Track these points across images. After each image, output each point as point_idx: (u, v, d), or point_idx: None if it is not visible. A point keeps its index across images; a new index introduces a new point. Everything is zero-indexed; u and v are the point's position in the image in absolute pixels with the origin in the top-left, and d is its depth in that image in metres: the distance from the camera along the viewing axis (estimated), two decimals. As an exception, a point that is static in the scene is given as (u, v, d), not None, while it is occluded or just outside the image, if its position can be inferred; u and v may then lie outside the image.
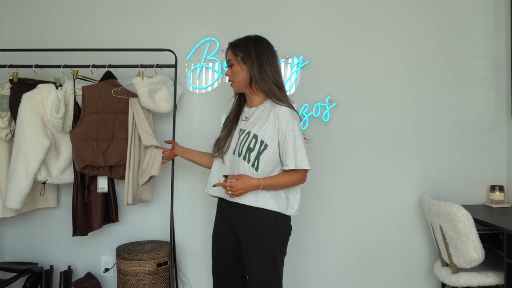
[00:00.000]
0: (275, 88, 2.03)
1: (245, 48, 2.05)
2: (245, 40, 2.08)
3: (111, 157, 2.57)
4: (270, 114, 2.01)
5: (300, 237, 2.90)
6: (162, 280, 2.62)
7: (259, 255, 1.98)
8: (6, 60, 2.64)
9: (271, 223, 1.98)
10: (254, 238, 1.99)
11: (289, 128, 1.97)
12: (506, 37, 2.90)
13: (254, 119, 2.05)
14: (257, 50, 2.04)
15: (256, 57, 2.03)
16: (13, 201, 2.41)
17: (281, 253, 2.03)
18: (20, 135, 2.42)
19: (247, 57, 2.04)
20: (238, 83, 2.08)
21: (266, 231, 1.98)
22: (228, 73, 2.12)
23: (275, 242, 2.00)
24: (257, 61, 2.03)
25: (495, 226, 2.35)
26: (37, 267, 2.73)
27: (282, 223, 2.02)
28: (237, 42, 2.10)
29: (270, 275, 1.98)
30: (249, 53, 2.04)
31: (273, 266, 1.99)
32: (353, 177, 2.91)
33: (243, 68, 2.05)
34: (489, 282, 2.40)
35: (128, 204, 2.56)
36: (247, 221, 2.01)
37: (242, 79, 2.06)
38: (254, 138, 2.00)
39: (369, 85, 2.90)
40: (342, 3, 2.90)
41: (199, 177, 2.89)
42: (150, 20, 2.89)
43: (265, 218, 1.98)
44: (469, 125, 2.93)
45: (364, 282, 2.93)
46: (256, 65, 2.02)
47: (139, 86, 2.51)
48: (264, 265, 1.98)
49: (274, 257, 1.99)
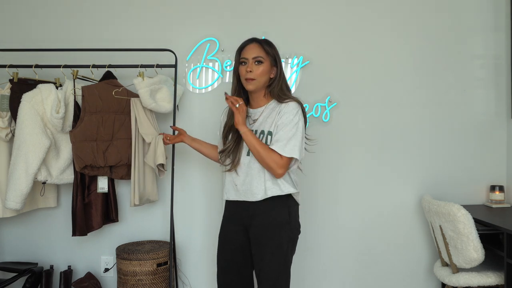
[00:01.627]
0: (286, 89, 2.08)
1: (275, 50, 2.08)
2: (268, 41, 2.09)
3: (111, 157, 2.57)
4: (279, 108, 2.03)
5: (300, 237, 2.89)
6: (162, 280, 2.62)
7: (273, 253, 1.99)
8: (6, 60, 2.64)
9: (286, 219, 2.01)
10: (269, 234, 2.00)
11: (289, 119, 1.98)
12: (506, 37, 2.90)
13: (264, 118, 2.05)
14: (277, 52, 2.08)
15: (280, 59, 2.08)
16: (13, 201, 2.41)
17: (292, 251, 2.06)
18: (20, 135, 2.42)
19: (278, 59, 2.07)
20: (260, 82, 2.04)
21: (280, 227, 2.00)
22: (252, 69, 2.01)
23: (288, 240, 2.02)
24: (279, 63, 2.07)
25: (495, 226, 2.35)
26: (37, 267, 2.73)
27: (295, 220, 2.07)
28: (267, 41, 2.09)
29: (282, 272, 2.00)
30: (277, 55, 2.07)
31: (285, 264, 2.01)
32: (353, 177, 2.91)
33: (272, 69, 2.06)
34: (489, 282, 2.40)
35: (135, 205, 2.56)
36: (262, 218, 2.01)
37: (266, 79, 2.05)
38: (269, 135, 2.01)
39: (369, 85, 2.90)
40: (342, 3, 2.89)
41: (199, 177, 2.89)
42: (150, 20, 2.89)
43: (281, 214, 2.01)
44: (469, 125, 2.93)
45: (364, 282, 2.93)
46: (279, 67, 2.07)
47: (140, 86, 2.51)
48: (276, 262, 1.99)
49: (286, 254, 2.01)
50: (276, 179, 2.01)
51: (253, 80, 2.02)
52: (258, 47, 2.04)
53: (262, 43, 2.06)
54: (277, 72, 2.06)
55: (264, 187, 2.00)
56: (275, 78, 2.06)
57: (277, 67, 2.06)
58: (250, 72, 2.01)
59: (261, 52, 2.03)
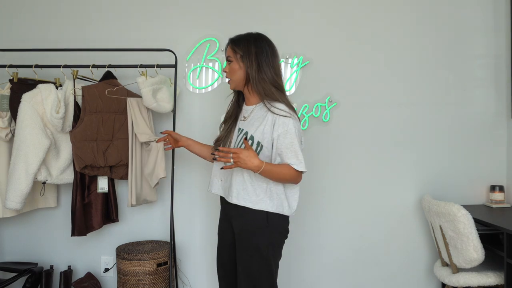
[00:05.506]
0: (273, 89, 1.97)
1: (245, 46, 1.99)
2: (246, 38, 2.02)
3: (111, 157, 2.57)
4: (268, 115, 1.95)
5: (300, 237, 2.90)
6: (162, 280, 2.62)
7: (251, 256, 1.96)
8: (6, 60, 2.63)
9: (264, 223, 1.95)
10: (246, 238, 1.98)
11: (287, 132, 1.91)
12: (506, 37, 2.90)
13: (252, 119, 2.02)
14: (257, 49, 1.98)
15: (255, 56, 1.97)
16: (13, 201, 2.41)
17: (274, 255, 1.99)
18: (20, 135, 2.42)
19: (246, 56, 1.98)
20: (235, 81, 2.04)
21: (258, 231, 1.96)
22: (226, 69, 2.06)
23: (268, 243, 1.96)
24: (256, 61, 1.97)
25: (495, 226, 2.36)
26: (37, 267, 2.73)
27: (277, 225, 1.98)
28: (238, 38, 2.04)
29: (262, 276, 1.96)
30: (248, 52, 1.98)
31: (265, 267, 1.96)
32: (353, 177, 2.91)
33: (241, 67, 2.00)
34: (489, 282, 2.40)
35: (132, 205, 2.56)
36: (241, 221, 1.99)
37: (239, 77, 2.02)
38: (251, 139, 1.97)
39: (369, 85, 2.90)
40: (342, 3, 2.89)
41: (199, 177, 2.89)
42: (150, 20, 2.89)
43: (258, 218, 1.95)
44: (469, 125, 2.93)
45: (364, 282, 2.93)
46: (255, 65, 1.96)
47: (143, 85, 2.51)
48: (255, 266, 1.96)
49: (266, 258, 1.96)
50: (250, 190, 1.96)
51: (229, 80, 2.06)
52: (229, 47, 2.05)
53: (232, 42, 2.04)
54: (248, 68, 1.97)
55: (237, 192, 1.97)
56: (250, 75, 1.98)
57: (244, 63, 1.98)
58: (225, 73, 2.08)
59: (230, 51, 2.04)
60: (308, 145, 2.86)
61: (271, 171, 1.89)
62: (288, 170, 1.92)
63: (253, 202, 1.95)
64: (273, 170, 1.90)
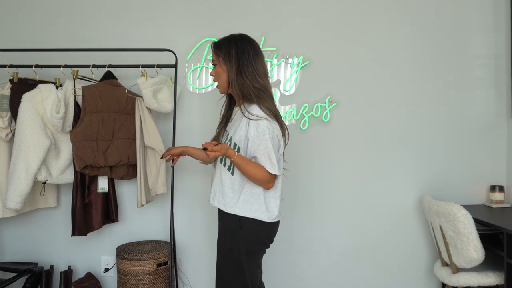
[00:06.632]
0: (253, 90, 1.93)
1: (226, 48, 1.97)
2: (228, 40, 2.00)
3: (111, 157, 2.57)
4: (243, 118, 1.94)
5: (300, 237, 2.91)
6: (162, 280, 2.62)
7: (224, 257, 1.98)
8: (6, 60, 2.64)
9: (236, 227, 1.94)
10: (221, 240, 2.02)
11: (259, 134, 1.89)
12: (506, 37, 2.90)
13: (234, 122, 2.03)
14: (238, 50, 1.95)
15: (236, 58, 1.94)
16: (13, 201, 2.41)
17: (248, 260, 1.95)
18: (20, 135, 2.42)
19: (227, 58, 1.96)
20: (222, 85, 2.03)
21: (230, 235, 1.96)
22: (212, 73, 2.06)
23: (240, 246, 1.93)
24: (236, 62, 1.94)
25: (495, 226, 2.36)
26: (37, 267, 2.73)
27: (252, 230, 1.94)
28: (219, 42, 2.03)
29: (234, 279, 1.95)
30: (229, 53, 1.96)
31: (238, 270, 1.94)
32: (353, 177, 2.91)
33: (224, 70, 1.99)
34: (489, 282, 2.40)
35: (142, 205, 2.58)
36: (219, 222, 2.05)
37: (224, 80, 2.00)
38: (229, 141, 1.98)
39: (369, 85, 2.90)
40: (342, 3, 2.89)
41: (199, 178, 2.89)
42: (150, 20, 2.89)
43: (230, 222, 1.96)
44: (469, 125, 2.93)
45: (364, 282, 2.93)
46: (235, 67, 1.94)
47: (144, 86, 2.51)
48: (228, 269, 1.96)
49: (238, 261, 1.93)
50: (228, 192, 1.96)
51: (217, 84, 2.06)
52: (212, 52, 2.04)
53: (213, 46, 2.04)
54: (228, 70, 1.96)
55: (214, 193, 2.02)
56: (230, 77, 1.96)
57: (227, 65, 1.96)
58: (212, 77, 2.09)
59: (213, 55, 2.04)
60: (308, 145, 2.86)
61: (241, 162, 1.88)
62: (259, 169, 1.90)
63: (226, 205, 1.97)
64: (247, 162, 1.89)
